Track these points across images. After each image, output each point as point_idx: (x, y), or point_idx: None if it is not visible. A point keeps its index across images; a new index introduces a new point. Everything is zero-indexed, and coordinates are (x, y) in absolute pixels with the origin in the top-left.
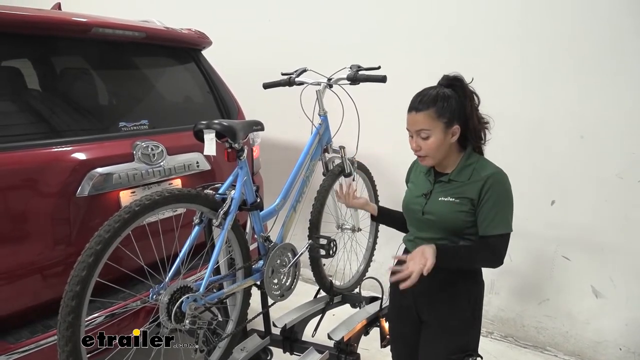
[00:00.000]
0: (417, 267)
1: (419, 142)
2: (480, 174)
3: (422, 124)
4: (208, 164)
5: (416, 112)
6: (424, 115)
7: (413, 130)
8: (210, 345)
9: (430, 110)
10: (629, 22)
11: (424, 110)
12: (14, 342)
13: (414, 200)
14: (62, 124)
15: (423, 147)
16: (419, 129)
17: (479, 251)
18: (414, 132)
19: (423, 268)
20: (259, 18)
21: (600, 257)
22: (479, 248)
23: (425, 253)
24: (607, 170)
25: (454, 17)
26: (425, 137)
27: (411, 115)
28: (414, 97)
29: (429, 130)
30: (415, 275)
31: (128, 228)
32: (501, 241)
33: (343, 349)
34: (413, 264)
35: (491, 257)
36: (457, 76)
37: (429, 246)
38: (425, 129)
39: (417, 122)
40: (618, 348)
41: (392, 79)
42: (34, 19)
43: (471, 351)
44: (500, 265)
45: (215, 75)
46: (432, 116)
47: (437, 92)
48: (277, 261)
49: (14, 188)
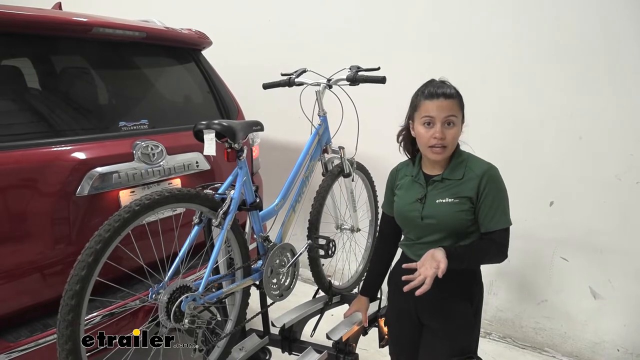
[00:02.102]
0: (430, 272)
1: (445, 131)
2: (475, 171)
3: (453, 109)
4: (207, 164)
5: (445, 98)
6: (453, 102)
7: (441, 116)
8: (209, 344)
9: (456, 100)
10: (628, 23)
11: (453, 98)
12: (14, 340)
13: (409, 207)
14: (62, 124)
15: (447, 137)
16: (448, 115)
17: (486, 248)
18: (441, 119)
19: (437, 271)
20: (259, 18)
21: (598, 258)
22: (486, 245)
23: (435, 256)
24: (606, 172)
25: (453, 19)
26: (451, 123)
27: (438, 101)
28: (432, 87)
29: (457, 117)
30: (429, 280)
31: (128, 227)
32: (505, 235)
33: (342, 349)
34: (425, 269)
35: (497, 253)
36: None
37: (437, 249)
38: (454, 115)
39: (448, 108)
40: (616, 349)
41: (391, 80)
42: (34, 19)
43: (472, 353)
44: (505, 258)
45: (215, 76)
46: (458, 105)
47: (452, 87)
48: (276, 261)
49: (13, 187)
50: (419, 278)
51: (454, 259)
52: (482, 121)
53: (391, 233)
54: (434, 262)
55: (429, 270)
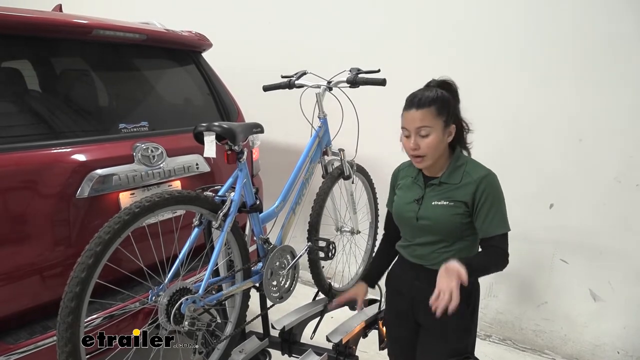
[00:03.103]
0: (453, 284)
1: (418, 141)
2: (472, 176)
3: (423, 120)
4: (208, 166)
5: (417, 109)
6: (425, 112)
7: (412, 128)
8: (209, 347)
9: (432, 107)
10: (627, 24)
11: (425, 107)
12: (13, 342)
13: (406, 207)
14: (62, 126)
15: (422, 146)
16: (419, 126)
17: (490, 255)
18: (413, 130)
19: (459, 280)
20: (258, 21)
21: (598, 261)
22: (489, 253)
23: (449, 268)
24: (606, 174)
25: (453, 22)
26: (425, 134)
27: (410, 112)
28: (410, 97)
29: (430, 127)
30: (456, 292)
31: (128, 229)
32: (504, 240)
33: (341, 352)
34: (447, 284)
35: (500, 259)
36: (447, 80)
37: (449, 263)
38: (426, 126)
39: (418, 119)
40: (616, 351)
41: (391, 82)
42: (35, 21)
43: (468, 353)
44: (506, 265)
45: (215, 78)
46: (433, 113)
47: (436, 91)
48: (276, 263)
49: (14, 189)
50: (446, 295)
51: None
52: (482, 123)
53: (396, 228)
54: (452, 273)
55: (452, 282)
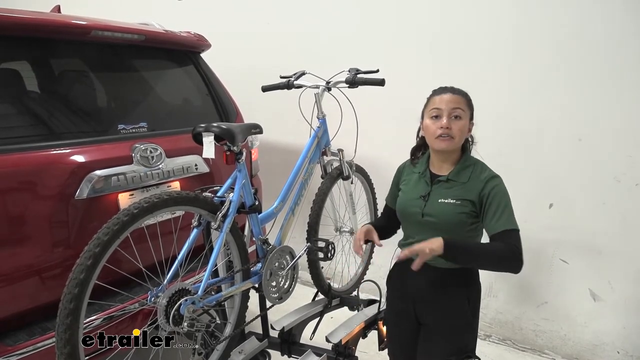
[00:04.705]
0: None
1: (451, 123)
2: (479, 176)
3: (459, 103)
4: (207, 167)
5: (452, 93)
6: (460, 97)
7: (447, 108)
8: (209, 347)
9: (464, 97)
10: (626, 25)
11: (459, 95)
12: (12, 344)
13: (412, 202)
14: (61, 127)
15: (453, 127)
16: (454, 107)
17: (492, 246)
18: (447, 111)
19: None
20: (257, 21)
21: (598, 260)
22: (493, 244)
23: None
24: (605, 173)
25: (453, 23)
26: (457, 116)
27: (446, 95)
28: (441, 87)
29: (463, 111)
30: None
31: (126, 231)
32: (515, 236)
33: (341, 352)
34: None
35: (507, 252)
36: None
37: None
38: (460, 108)
39: (454, 101)
40: (616, 351)
41: (390, 82)
42: (33, 22)
43: (469, 352)
44: (521, 264)
45: (214, 78)
46: (465, 102)
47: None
48: (275, 264)
49: (12, 190)
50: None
51: (453, 248)
52: (482, 123)
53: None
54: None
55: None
